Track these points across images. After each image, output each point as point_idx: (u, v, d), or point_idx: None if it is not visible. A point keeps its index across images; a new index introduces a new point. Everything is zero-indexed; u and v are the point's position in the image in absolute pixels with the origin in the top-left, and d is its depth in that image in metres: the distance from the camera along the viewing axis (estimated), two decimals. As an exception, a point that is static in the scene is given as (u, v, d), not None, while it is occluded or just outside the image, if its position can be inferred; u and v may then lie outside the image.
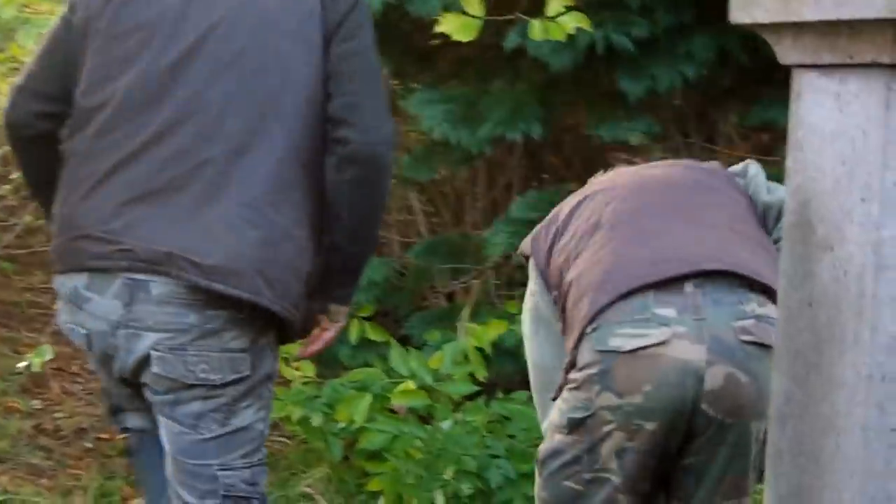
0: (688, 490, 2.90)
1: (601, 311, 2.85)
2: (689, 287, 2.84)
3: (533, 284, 3.15)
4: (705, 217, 2.99)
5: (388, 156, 2.92)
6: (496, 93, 4.75)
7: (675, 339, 2.80)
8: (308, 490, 4.67)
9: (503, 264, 5.02)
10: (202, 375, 2.87)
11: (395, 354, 4.53)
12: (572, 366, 2.90)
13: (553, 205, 4.69)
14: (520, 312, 4.70)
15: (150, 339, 2.85)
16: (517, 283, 5.11)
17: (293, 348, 4.69)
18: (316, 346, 3.14)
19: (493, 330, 4.50)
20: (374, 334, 4.82)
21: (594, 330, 2.86)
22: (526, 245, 3.21)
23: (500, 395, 4.66)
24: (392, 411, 4.59)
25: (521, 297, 4.93)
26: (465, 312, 4.69)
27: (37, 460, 5.14)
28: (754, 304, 2.85)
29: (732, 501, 2.88)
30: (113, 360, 2.92)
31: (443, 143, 4.83)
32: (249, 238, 2.80)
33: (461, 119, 4.66)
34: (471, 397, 4.54)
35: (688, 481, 2.89)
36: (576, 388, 2.88)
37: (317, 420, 4.53)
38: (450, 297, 5.29)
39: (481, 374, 4.49)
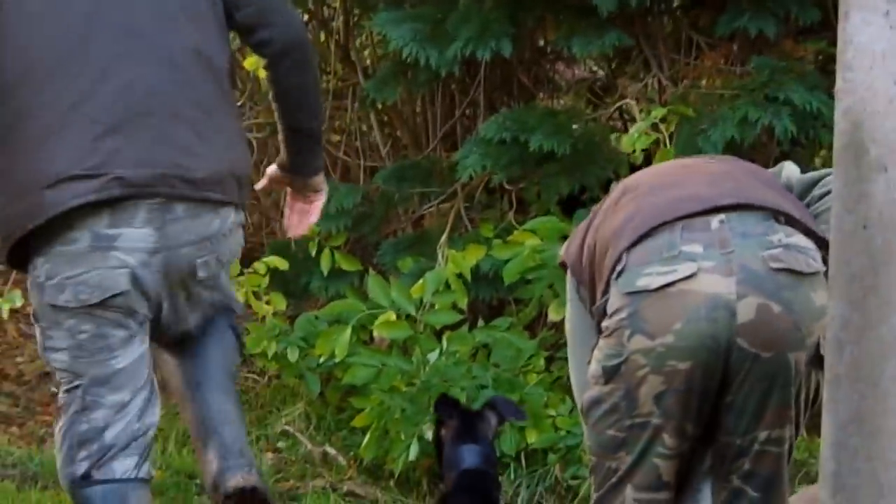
0: (729, 427, 2.84)
1: (625, 251, 2.82)
2: (714, 223, 2.81)
3: (568, 292, 3.08)
4: (724, 173, 2.99)
5: (306, 38, 3.30)
6: (464, 10, 4.59)
7: (703, 273, 2.75)
8: (287, 428, 4.56)
9: (474, 187, 4.88)
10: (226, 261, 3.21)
11: (375, 284, 4.39)
12: (603, 314, 2.86)
13: (524, 124, 4.59)
14: (494, 236, 4.62)
15: (189, 253, 3.04)
16: (486, 206, 4.99)
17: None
18: (313, 217, 3.41)
19: (472, 255, 4.37)
20: (346, 264, 4.69)
21: (620, 274, 2.82)
22: (562, 251, 3.15)
23: (480, 323, 4.55)
24: (366, 343, 4.47)
25: (493, 220, 4.85)
26: (444, 238, 4.56)
27: (3, 408, 4.98)
28: (781, 235, 2.81)
29: (775, 430, 2.82)
30: (150, 292, 3.02)
31: (406, 62, 4.66)
32: (218, 145, 3.06)
33: (429, 38, 4.51)
34: (451, 327, 4.42)
35: (729, 418, 2.83)
36: (608, 336, 2.84)
37: (293, 355, 4.40)
38: (416, 223, 5.15)
39: (463, 302, 4.37)
